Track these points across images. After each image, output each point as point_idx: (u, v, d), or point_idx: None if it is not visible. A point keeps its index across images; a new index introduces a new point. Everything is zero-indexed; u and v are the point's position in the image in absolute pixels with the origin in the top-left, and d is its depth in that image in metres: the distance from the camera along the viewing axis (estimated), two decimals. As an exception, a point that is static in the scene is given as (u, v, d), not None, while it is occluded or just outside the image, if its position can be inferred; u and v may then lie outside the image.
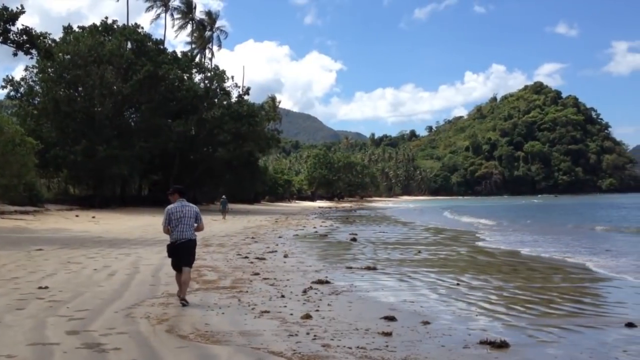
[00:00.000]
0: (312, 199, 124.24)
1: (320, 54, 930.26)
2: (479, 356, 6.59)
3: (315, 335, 7.35)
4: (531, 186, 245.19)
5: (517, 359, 6.53)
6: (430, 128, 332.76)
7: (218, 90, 61.91)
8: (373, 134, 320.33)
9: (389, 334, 7.46)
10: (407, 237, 26.76)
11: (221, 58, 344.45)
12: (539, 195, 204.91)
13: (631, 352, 6.82)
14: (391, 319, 8.39)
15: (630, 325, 8.14)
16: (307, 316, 8.45)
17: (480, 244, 23.21)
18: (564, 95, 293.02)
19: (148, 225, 30.65)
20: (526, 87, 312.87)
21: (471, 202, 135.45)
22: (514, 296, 10.87)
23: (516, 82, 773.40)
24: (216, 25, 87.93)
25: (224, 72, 62.29)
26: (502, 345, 6.92)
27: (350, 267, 14.88)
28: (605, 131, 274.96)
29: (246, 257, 16.62)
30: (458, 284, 12.22)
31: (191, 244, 9.43)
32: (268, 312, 8.79)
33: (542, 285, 12.18)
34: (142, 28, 56.10)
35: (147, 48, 54.05)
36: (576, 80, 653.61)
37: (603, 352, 6.83)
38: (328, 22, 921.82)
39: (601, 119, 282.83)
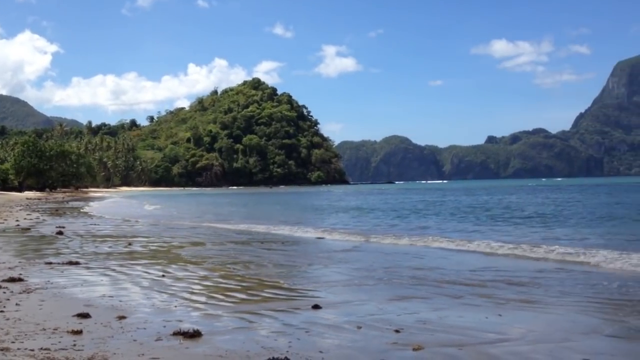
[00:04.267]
0: (19, 189, 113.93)
1: (34, 34, 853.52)
2: (170, 347, 6.59)
3: (-7, 340, 6.69)
4: (249, 178, 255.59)
5: (207, 347, 6.65)
6: (151, 118, 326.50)
7: None
8: (90, 122, 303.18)
9: (79, 332, 7.10)
10: (119, 229, 25.93)
11: None
12: (234, 187, 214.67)
13: (312, 332, 7.38)
14: (85, 315, 8.01)
15: (316, 307, 8.84)
16: (-13, 319, 7.66)
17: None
18: (279, 92, 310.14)
19: None
20: (245, 82, 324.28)
21: (182, 193, 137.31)
22: (217, 285, 11.12)
23: (237, 77, 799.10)
24: None
25: None
26: (195, 334, 7.01)
27: (50, 263, 13.92)
28: (315, 127, 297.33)
29: None
30: (163, 276, 12.14)
31: None
32: (-61, 318, 7.79)
33: (246, 273, 12.64)
34: None
35: None
36: (291, 79, 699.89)
37: (289, 333, 7.30)
38: (43, 0, 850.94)
39: (311, 116, 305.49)
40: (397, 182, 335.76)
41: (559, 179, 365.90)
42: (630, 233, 20.22)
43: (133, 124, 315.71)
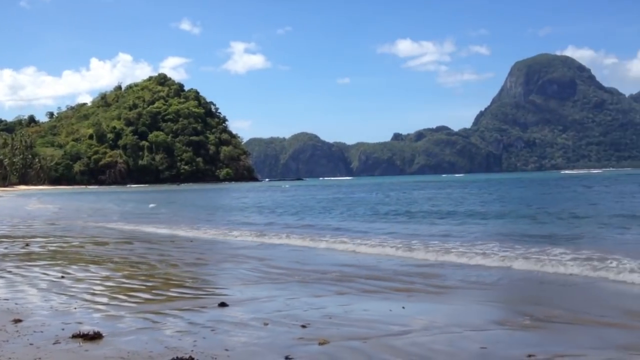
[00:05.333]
0: None
1: None
2: (69, 351, 6.36)
3: None
4: (155, 175, 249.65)
5: (109, 349, 6.46)
6: (51, 114, 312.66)
7: None
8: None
9: (-30, 338, 6.73)
10: (16, 230, 24.76)
11: None
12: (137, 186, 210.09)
13: (218, 330, 7.30)
14: (-23, 320, 7.62)
15: (222, 305, 8.76)
16: None
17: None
18: (186, 88, 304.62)
19: None
20: (151, 78, 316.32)
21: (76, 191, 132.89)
22: (120, 285, 10.82)
23: (143, 72, 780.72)
24: None
25: None
26: (96, 336, 6.80)
27: (-61, 266, 13.13)
28: (224, 124, 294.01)
29: None
30: (63, 277, 11.71)
31: None
32: None
33: (150, 273, 12.37)
34: None
35: None
36: (198, 75, 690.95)
37: (194, 332, 7.20)
38: None
39: (220, 112, 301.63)
40: (305, 179, 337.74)
41: (460, 174, 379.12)
42: (519, 229, 20.98)
43: (32, 120, 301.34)
